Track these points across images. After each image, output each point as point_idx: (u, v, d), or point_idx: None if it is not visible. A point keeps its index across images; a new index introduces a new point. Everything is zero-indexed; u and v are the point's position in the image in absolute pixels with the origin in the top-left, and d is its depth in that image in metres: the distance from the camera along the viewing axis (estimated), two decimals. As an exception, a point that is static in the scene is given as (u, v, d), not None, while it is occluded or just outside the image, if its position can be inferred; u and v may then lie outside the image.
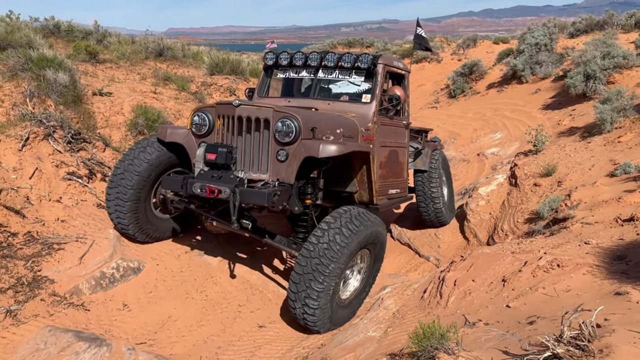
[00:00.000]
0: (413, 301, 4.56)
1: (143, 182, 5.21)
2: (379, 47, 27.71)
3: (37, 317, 4.39)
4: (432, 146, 7.56)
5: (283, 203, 4.62)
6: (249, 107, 4.79)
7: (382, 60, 5.87)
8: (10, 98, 7.19)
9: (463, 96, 16.72)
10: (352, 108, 5.70)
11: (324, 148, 4.48)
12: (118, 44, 12.56)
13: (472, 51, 23.78)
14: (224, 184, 4.58)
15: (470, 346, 2.78)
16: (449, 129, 13.52)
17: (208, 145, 4.86)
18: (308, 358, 4.21)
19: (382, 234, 5.00)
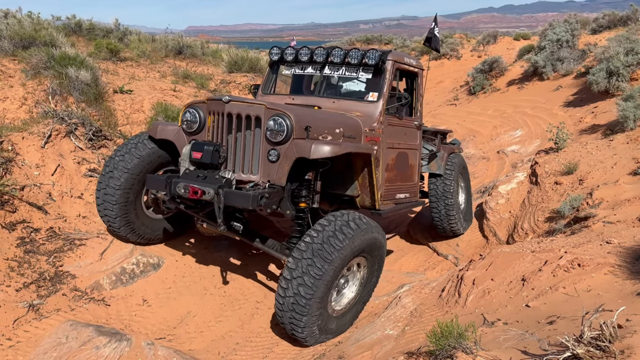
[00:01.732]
0: (431, 300, 4.54)
1: (132, 181, 4.99)
2: (397, 43, 27.57)
3: (58, 311, 4.47)
4: (449, 149, 7.17)
5: (272, 206, 4.38)
6: (240, 103, 4.55)
7: (392, 57, 5.56)
8: (33, 96, 7.32)
9: (483, 93, 16.55)
10: (358, 107, 5.43)
11: (316, 149, 4.20)
12: (138, 42, 12.70)
13: (492, 47, 23.53)
14: (208, 185, 4.33)
15: (489, 345, 2.75)
16: (468, 126, 13.40)
17: (194, 143, 4.64)
18: (325, 355, 4.21)
19: (379, 241, 4.65)
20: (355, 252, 4.31)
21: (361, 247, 4.36)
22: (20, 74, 7.72)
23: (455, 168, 6.97)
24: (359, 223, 4.36)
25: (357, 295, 4.72)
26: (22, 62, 8.04)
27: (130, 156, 4.97)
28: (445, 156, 6.91)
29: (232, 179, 4.47)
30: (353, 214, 4.42)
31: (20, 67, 7.93)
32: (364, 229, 4.36)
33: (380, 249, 4.73)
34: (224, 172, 4.49)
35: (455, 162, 7.02)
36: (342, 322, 4.60)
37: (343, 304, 4.62)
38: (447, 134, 7.77)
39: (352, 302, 4.69)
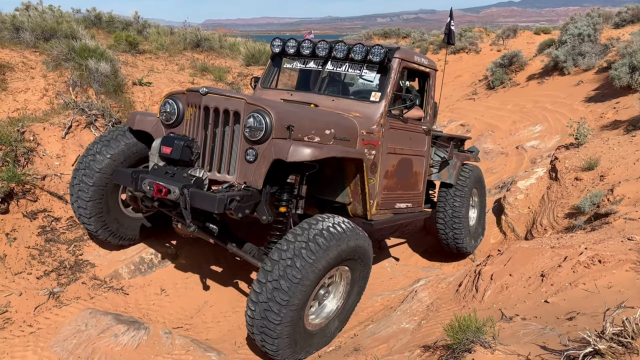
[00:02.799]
0: (448, 294, 4.52)
1: (107, 178, 4.62)
2: (415, 37, 27.38)
3: (78, 299, 4.54)
4: (463, 157, 6.68)
5: (245, 210, 3.98)
6: (218, 96, 4.17)
7: (399, 54, 5.09)
8: (54, 87, 7.41)
9: (502, 87, 16.37)
10: (358, 107, 5.02)
11: (295, 151, 3.80)
12: (157, 34, 12.77)
13: (512, 42, 23.24)
14: (174, 183, 3.98)
15: (507, 340, 2.73)
16: (486, 121, 13.27)
17: (164, 137, 4.28)
18: (341, 348, 4.22)
19: (364, 248, 4.21)
20: (336, 261, 3.90)
21: (343, 255, 3.95)
22: (41, 65, 7.82)
23: (470, 180, 6.54)
24: (339, 229, 3.94)
25: (339, 308, 4.34)
26: (43, 54, 8.13)
27: (109, 148, 4.65)
28: (458, 165, 6.46)
29: (204, 178, 4.12)
30: (335, 219, 4.01)
31: (41, 58, 8.03)
32: (347, 236, 3.95)
33: (365, 258, 4.31)
34: (194, 170, 4.13)
35: (470, 174, 6.58)
36: (322, 337, 4.24)
37: (323, 317, 4.23)
38: (464, 140, 7.30)
39: (333, 315, 4.30)
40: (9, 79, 7.21)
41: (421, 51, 23.94)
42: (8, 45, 8.13)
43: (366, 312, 5.05)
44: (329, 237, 3.82)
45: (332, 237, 3.83)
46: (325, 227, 3.87)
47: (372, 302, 5.23)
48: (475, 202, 6.98)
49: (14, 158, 5.31)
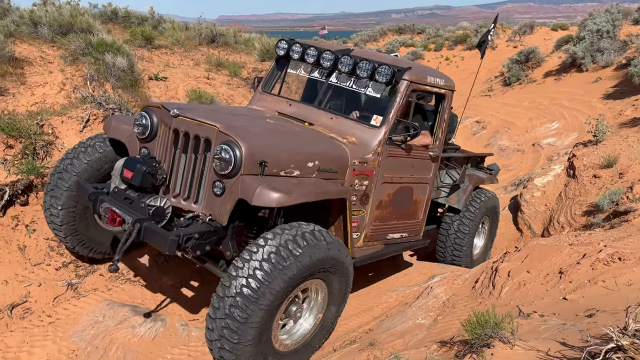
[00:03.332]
0: (464, 291, 4.49)
1: None
2: (430, 33, 27.22)
3: (96, 291, 4.59)
4: (476, 180, 6.17)
5: (205, 247, 3.63)
6: (189, 120, 3.77)
7: (408, 76, 4.54)
8: (72, 81, 7.48)
9: (518, 84, 16.23)
10: (356, 130, 4.53)
11: (261, 194, 3.38)
12: (172, 30, 12.84)
13: (529, 38, 23.02)
14: (130, 213, 3.66)
15: (526, 336, 2.71)
16: (502, 117, 13.17)
17: (126, 159, 3.91)
18: (355, 342, 4.22)
19: (339, 261, 3.78)
20: (304, 273, 3.49)
21: (314, 267, 3.54)
22: (59, 60, 7.89)
23: (482, 209, 6.10)
24: (310, 239, 3.54)
25: (317, 326, 3.96)
26: (61, 48, 8.21)
27: (86, 154, 4.35)
28: (470, 189, 6.00)
29: (166, 207, 3.78)
30: (306, 227, 3.62)
31: (59, 53, 8.10)
32: (317, 246, 3.54)
33: (341, 270, 3.87)
34: (154, 198, 3.75)
35: (483, 203, 6.13)
36: (297, 358, 3.88)
37: (298, 337, 3.87)
38: (484, 157, 6.83)
39: (310, 335, 3.93)
40: (27, 73, 7.29)
41: (436, 47, 23.80)
42: (26, 40, 8.21)
43: (381, 307, 5.05)
44: (303, 244, 3.45)
45: (304, 245, 3.46)
46: (299, 233, 3.51)
47: (386, 297, 5.22)
48: (484, 230, 6.60)
49: (33, 151, 5.37)
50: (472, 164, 6.56)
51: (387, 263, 6.10)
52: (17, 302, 4.28)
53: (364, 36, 32.69)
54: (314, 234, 3.58)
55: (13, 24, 8.44)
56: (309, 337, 3.91)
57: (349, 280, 4.05)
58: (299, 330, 3.87)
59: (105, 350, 3.94)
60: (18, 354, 3.86)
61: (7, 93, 6.66)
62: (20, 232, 4.79)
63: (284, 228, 3.50)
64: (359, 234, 4.63)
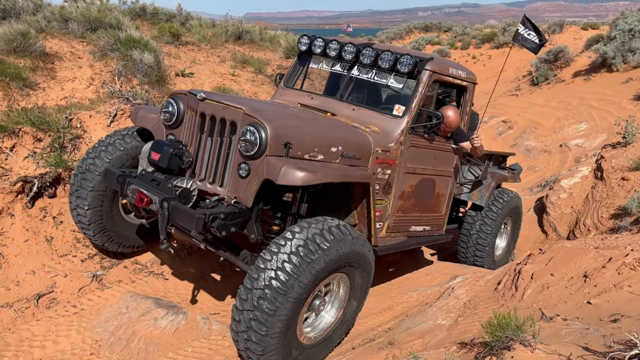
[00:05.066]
0: (486, 292, 4.44)
1: None
2: (457, 31, 26.92)
3: (120, 282, 4.68)
4: (499, 178, 6.11)
5: (230, 229, 3.66)
6: (215, 103, 3.86)
7: (430, 66, 4.60)
8: (100, 76, 7.60)
9: (546, 84, 15.96)
10: (378, 120, 4.57)
11: (286, 173, 3.42)
12: (199, 27, 12.94)
13: (558, 37, 22.60)
14: (157, 193, 3.74)
15: (548, 340, 2.67)
16: (529, 117, 12.97)
17: (154, 142, 4.01)
18: (375, 340, 4.21)
19: (363, 255, 3.84)
20: (331, 267, 3.54)
21: (340, 261, 3.59)
22: (88, 55, 8.03)
23: (505, 207, 6.03)
24: (336, 233, 3.59)
25: (338, 320, 4.00)
26: (90, 44, 8.35)
27: (107, 153, 4.42)
28: (492, 185, 5.94)
29: (192, 189, 3.87)
30: (331, 222, 3.66)
31: (88, 48, 8.25)
32: (343, 240, 3.59)
33: (364, 264, 3.91)
34: (182, 180, 3.84)
35: (506, 202, 6.08)
36: (319, 351, 3.91)
37: (319, 330, 3.90)
38: (506, 157, 6.78)
39: (331, 328, 3.96)
40: (57, 68, 7.44)
41: (463, 46, 23.55)
42: (57, 35, 8.38)
43: (401, 307, 5.03)
44: (329, 238, 3.50)
45: (331, 239, 3.49)
46: (325, 228, 3.54)
47: (407, 297, 5.20)
48: (506, 231, 6.52)
49: (61, 144, 5.48)
50: (494, 163, 6.48)
51: (408, 261, 6.08)
52: (44, 292, 4.38)
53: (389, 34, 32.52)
54: (340, 229, 3.63)
55: (44, 19, 8.63)
56: (330, 331, 3.94)
57: (370, 275, 4.08)
58: (321, 324, 3.92)
59: (127, 342, 4.00)
60: (44, 342, 3.95)
61: (37, 87, 6.81)
62: (47, 224, 4.90)
63: (310, 222, 3.55)
64: (381, 224, 4.64)
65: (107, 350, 3.95)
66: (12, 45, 6.95)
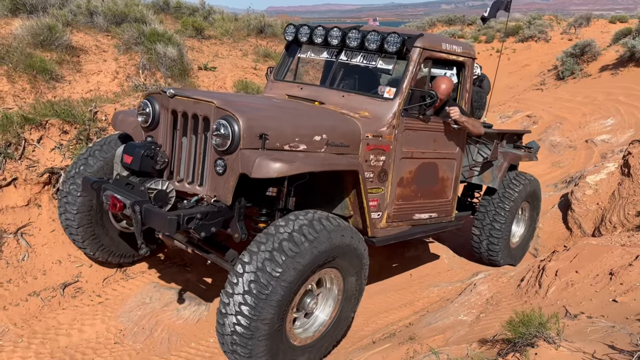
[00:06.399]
0: (509, 289, 4.40)
1: None
2: (481, 25, 26.53)
3: (143, 273, 4.74)
4: (511, 157, 5.72)
5: (210, 229, 3.49)
6: (185, 99, 3.69)
7: (421, 43, 4.33)
8: (125, 70, 7.69)
9: (572, 78, 15.67)
10: (369, 105, 4.35)
11: (260, 166, 3.24)
12: (222, 20, 12.99)
13: (585, 30, 22.16)
14: (130, 197, 3.56)
15: (572, 337, 2.63)
16: (555, 112, 12.75)
17: (126, 145, 3.83)
18: (395, 335, 4.21)
19: (354, 247, 3.60)
20: (319, 262, 3.34)
21: (326, 256, 3.38)
22: (113, 49, 8.13)
23: (521, 191, 5.70)
24: (323, 225, 3.38)
25: (333, 320, 3.78)
26: (115, 37, 8.45)
27: (94, 159, 4.27)
28: (505, 166, 5.56)
29: (169, 191, 3.66)
30: (318, 214, 3.47)
31: (113, 42, 8.35)
32: (331, 232, 3.38)
33: (356, 257, 3.70)
34: (156, 182, 3.65)
35: (523, 185, 5.73)
36: (313, 353, 3.70)
37: (312, 330, 3.69)
38: (521, 135, 6.44)
39: (325, 328, 3.74)
40: (83, 61, 7.55)
41: (487, 39, 23.25)
42: (83, 29, 8.50)
43: (422, 302, 5.00)
44: (314, 232, 3.29)
45: (315, 233, 3.29)
46: (310, 220, 3.35)
47: (428, 292, 5.17)
48: (523, 218, 6.21)
49: (87, 137, 5.57)
50: (508, 142, 6.16)
51: (428, 256, 6.04)
52: (69, 282, 4.47)
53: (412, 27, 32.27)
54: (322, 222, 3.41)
55: (70, 13, 8.75)
56: (326, 330, 3.74)
57: (364, 268, 3.85)
58: (314, 323, 3.72)
59: (150, 331, 4.07)
60: (69, 330, 4.04)
61: (63, 80, 6.92)
62: (73, 215, 4.98)
63: (287, 219, 3.35)
64: (380, 213, 4.42)
65: (130, 339, 4.02)
66: (39, 39, 7.06)
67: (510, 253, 5.94)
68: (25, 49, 6.85)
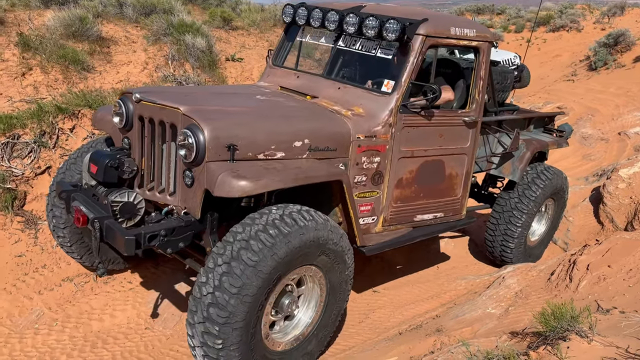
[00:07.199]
0: (538, 282, 4.34)
1: None
2: (511, 14, 26.09)
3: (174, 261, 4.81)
4: (536, 146, 5.16)
5: (178, 244, 3.22)
6: (151, 105, 3.37)
7: (424, 30, 3.82)
8: (154, 60, 7.79)
9: (605, 69, 15.29)
10: (364, 100, 3.91)
11: (223, 183, 2.93)
12: (249, 11, 13.03)
13: (619, 20, 21.59)
14: (94, 210, 3.33)
15: (605, 332, 2.59)
16: (586, 104, 12.47)
17: (92, 152, 3.56)
18: (422, 327, 4.19)
19: (332, 242, 3.27)
20: (291, 260, 3.04)
21: (299, 251, 3.06)
22: (142, 39, 8.24)
23: (546, 187, 5.14)
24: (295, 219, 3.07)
25: (317, 320, 3.49)
26: (144, 28, 8.56)
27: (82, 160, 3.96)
28: (527, 156, 5.03)
29: (137, 202, 3.40)
30: (290, 208, 3.16)
31: (142, 33, 8.45)
32: (304, 227, 3.07)
33: (335, 254, 3.35)
34: (122, 193, 3.36)
35: (549, 180, 5.17)
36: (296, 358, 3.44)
37: (294, 334, 3.42)
38: (553, 117, 5.86)
39: (309, 331, 3.47)
40: (113, 52, 7.67)
41: (517, 29, 22.81)
42: (113, 20, 8.62)
43: (449, 294, 4.98)
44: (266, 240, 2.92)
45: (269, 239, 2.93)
46: (280, 216, 3.05)
47: (455, 285, 5.14)
48: (546, 215, 5.70)
49: (118, 126, 5.66)
50: (537, 126, 5.62)
51: (455, 250, 5.99)
52: (102, 268, 4.56)
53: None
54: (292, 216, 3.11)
55: (101, 4, 8.89)
56: (310, 333, 3.47)
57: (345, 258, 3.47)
58: (297, 326, 3.44)
59: (180, 318, 4.14)
60: (102, 315, 4.14)
61: (94, 71, 7.04)
62: (105, 203, 5.08)
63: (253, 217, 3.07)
64: (375, 217, 4.10)
65: (161, 325, 4.10)
66: (71, 30, 7.20)
67: (527, 252, 5.49)
68: (58, 40, 6.98)
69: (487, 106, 4.74)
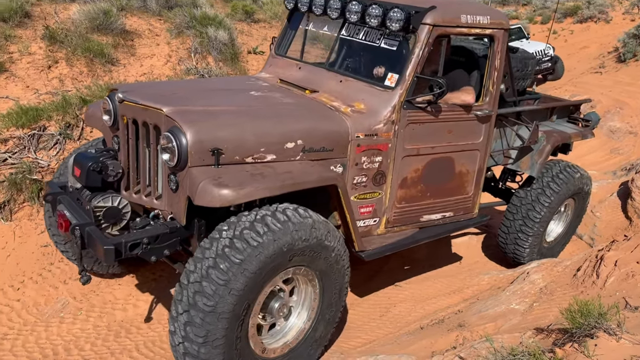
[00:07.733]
0: (564, 279, 4.26)
1: None
2: (537, 5, 25.60)
3: (194, 253, 4.86)
4: (556, 139, 4.79)
5: (163, 251, 3.08)
6: (133, 106, 3.19)
7: (431, 19, 3.53)
8: (177, 53, 7.84)
9: (634, 61, 14.91)
10: (366, 94, 3.65)
11: (204, 192, 2.77)
12: (271, 4, 13.01)
13: (650, 10, 21.02)
14: (77, 216, 3.18)
15: (635, 330, 2.52)
16: (615, 97, 12.19)
17: (77, 154, 3.41)
18: (444, 322, 4.15)
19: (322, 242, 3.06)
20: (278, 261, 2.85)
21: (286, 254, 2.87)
22: (165, 33, 8.28)
23: (567, 186, 4.83)
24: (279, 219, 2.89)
25: (311, 324, 3.32)
26: (167, 21, 8.60)
27: None
28: (547, 150, 4.68)
29: (122, 207, 3.24)
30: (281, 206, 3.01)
31: (165, 26, 8.50)
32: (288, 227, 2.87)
33: (326, 255, 3.14)
34: (106, 198, 3.20)
35: (571, 179, 4.86)
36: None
37: (286, 340, 3.25)
38: (579, 105, 5.47)
39: (302, 336, 3.29)
40: (136, 45, 7.73)
41: (543, 20, 22.37)
42: (136, 13, 8.68)
43: (471, 289, 4.92)
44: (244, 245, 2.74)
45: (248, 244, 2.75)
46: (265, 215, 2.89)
47: (478, 280, 5.08)
48: (565, 216, 5.39)
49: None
50: (560, 116, 5.27)
51: (477, 245, 5.92)
52: (125, 259, 4.62)
53: None
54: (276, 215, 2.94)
55: (125, -2, 8.96)
56: (304, 336, 3.30)
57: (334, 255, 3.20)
58: (289, 330, 3.28)
59: (201, 309, 4.16)
60: (125, 305, 4.19)
61: (118, 63, 7.11)
62: (128, 194, 5.14)
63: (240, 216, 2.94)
64: (377, 219, 3.89)
65: (182, 316, 4.13)
66: (95, 23, 7.27)
67: (541, 252, 5.19)
68: (83, 33, 7.06)
69: (505, 96, 4.47)
